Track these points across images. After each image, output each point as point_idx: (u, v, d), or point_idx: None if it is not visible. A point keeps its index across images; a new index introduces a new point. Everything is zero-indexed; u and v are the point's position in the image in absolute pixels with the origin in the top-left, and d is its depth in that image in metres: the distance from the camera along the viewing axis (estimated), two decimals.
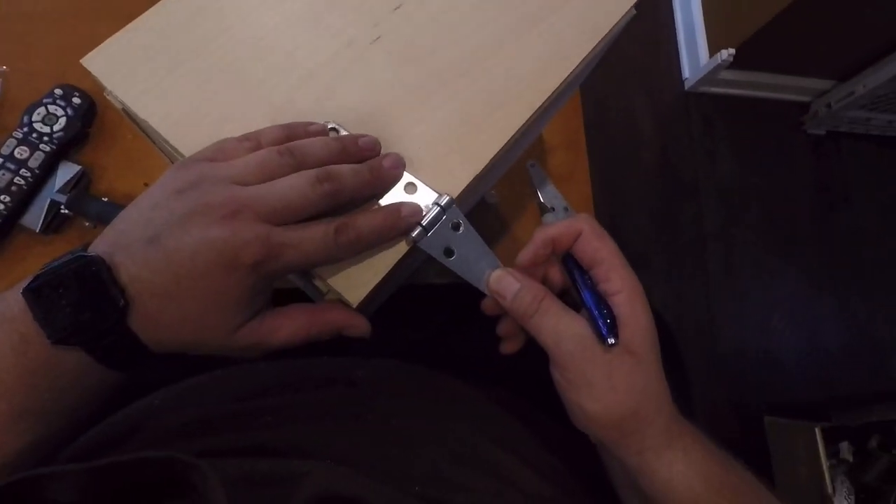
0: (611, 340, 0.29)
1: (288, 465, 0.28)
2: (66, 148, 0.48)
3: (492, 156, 0.32)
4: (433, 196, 0.30)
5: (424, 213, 0.30)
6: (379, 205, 0.30)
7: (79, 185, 0.48)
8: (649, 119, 1.34)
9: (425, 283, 0.55)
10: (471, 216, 0.55)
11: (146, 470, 0.23)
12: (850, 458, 1.11)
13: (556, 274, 0.34)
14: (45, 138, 0.47)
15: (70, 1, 0.54)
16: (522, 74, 0.34)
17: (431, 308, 0.66)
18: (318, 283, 0.29)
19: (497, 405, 0.42)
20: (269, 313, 0.28)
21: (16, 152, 0.47)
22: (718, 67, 1.25)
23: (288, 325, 0.28)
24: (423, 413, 0.36)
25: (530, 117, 0.34)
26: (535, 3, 0.36)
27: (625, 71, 1.36)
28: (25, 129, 0.47)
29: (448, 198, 0.30)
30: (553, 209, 0.58)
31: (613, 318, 0.30)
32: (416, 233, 0.29)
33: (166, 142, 0.29)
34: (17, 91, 0.50)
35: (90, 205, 0.43)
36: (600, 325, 0.30)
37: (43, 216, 0.46)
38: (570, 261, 0.32)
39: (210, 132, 0.29)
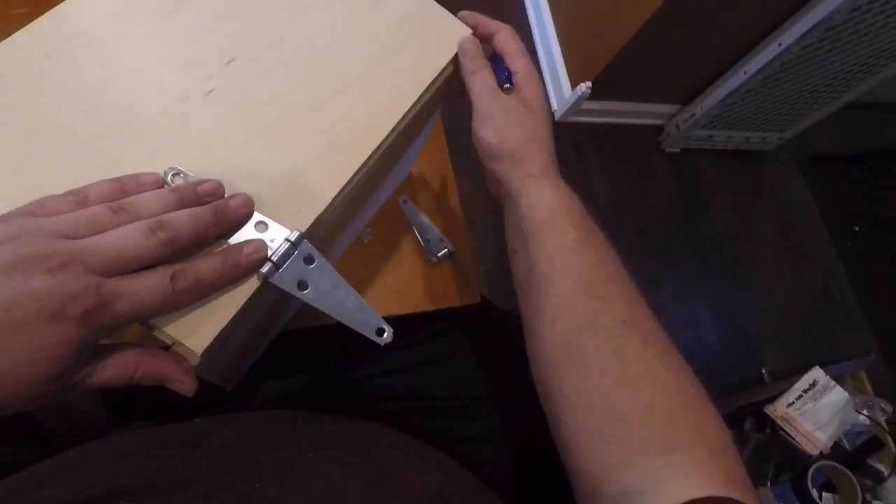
0: (507, 86, 0.41)
1: None
2: None
3: (334, 194, 0.33)
4: (285, 233, 0.30)
5: (276, 248, 0.30)
6: (228, 244, 0.29)
7: None
8: None
9: (310, 327, 0.54)
10: (347, 254, 0.56)
11: None
12: None
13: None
14: None
15: None
16: (360, 118, 0.36)
17: (320, 350, 0.65)
18: (157, 333, 0.28)
19: (373, 439, 0.41)
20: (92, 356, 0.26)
21: None
22: (580, 99, 1.38)
23: (112, 365, 0.27)
24: (289, 463, 0.35)
25: (370, 156, 0.35)
26: (367, 55, 0.38)
27: None
28: None
29: (297, 233, 0.30)
30: (429, 241, 0.60)
31: (510, 75, 0.42)
32: (266, 269, 0.29)
33: None
34: None
35: None
36: (502, 77, 0.42)
37: None
38: (493, 53, 0.44)
39: (30, 191, 0.27)
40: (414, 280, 0.58)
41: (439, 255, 0.59)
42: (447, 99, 0.47)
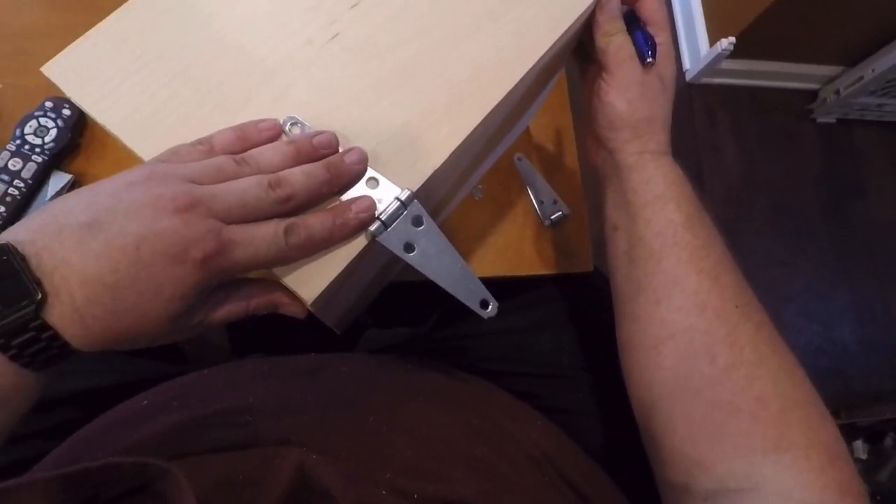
0: (649, 59, 0.39)
1: (266, 455, 0.28)
2: (57, 158, 0.50)
3: (452, 150, 0.32)
4: (396, 191, 0.30)
5: (384, 207, 0.30)
6: (340, 201, 0.30)
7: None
8: None
9: (418, 281, 0.55)
10: (455, 209, 0.56)
11: (119, 476, 0.23)
12: (865, 457, 1.08)
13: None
14: (37, 150, 0.49)
15: (62, 16, 0.56)
16: (484, 68, 0.34)
17: (425, 305, 0.67)
18: (271, 276, 0.30)
19: (479, 395, 0.42)
20: (212, 293, 0.28)
21: (9, 164, 0.48)
22: (719, 57, 1.23)
23: (229, 301, 0.29)
24: (400, 404, 0.37)
25: (491, 111, 0.34)
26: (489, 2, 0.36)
27: None
28: (18, 142, 0.49)
29: (408, 192, 0.30)
30: (542, 202, 0.58)
31: (654, 49, 0.39)
32: (374, 227, 0.29)
33: (126, 147, 0.30)
34: (12, 106, 0.52)
35: None
36: (645, 48, 0.39)
37: None
38: (631, 14, 0.41)
39: (169, 135, 0.30)
40: (524, 242, 0.56)
41: (553, 217, 0.57)
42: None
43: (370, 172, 0.30)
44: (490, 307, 0.32)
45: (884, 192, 1.44)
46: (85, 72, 0.30)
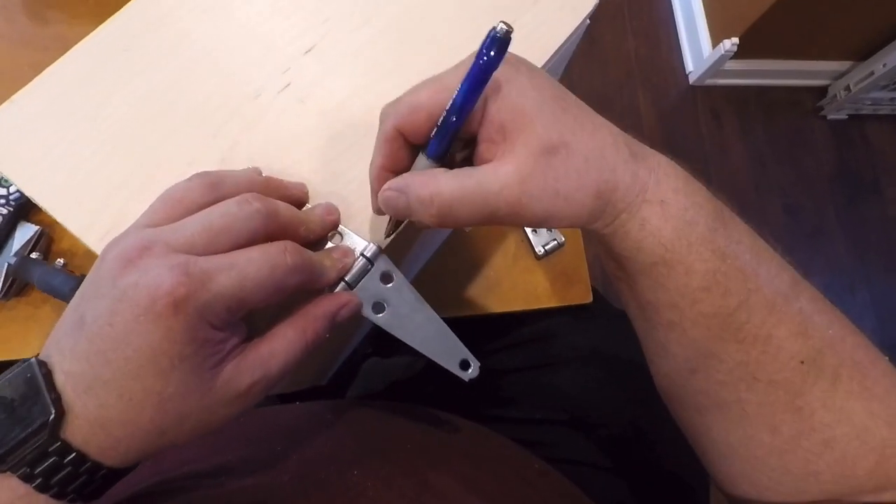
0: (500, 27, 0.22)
1: None
2: (23, 209, 0.48)
3: None
4: (361, 245, 0.28)
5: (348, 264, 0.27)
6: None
7: (38, 246, 0.47)
8: (654, 116, 1.29)
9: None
10: (444, 246, 0.53)
11: None
12: None
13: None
14: (2, 200, 0.47)
15: (29, 59, 0.54)
16: None
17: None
18: None
19: (473, 441, 0.39)
20: (250, 346, 0.24)
21: None
22: (723, 58, 1.19)
23: (280, 346, 0.24)
24: (392, 459, 0.34)
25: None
26: (465, 30, 0.33)
27: (625, 69, 1.31)
28: None
29: (374, 247, 0.27)
30: (535, 231, 0.55)
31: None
32: (338, 289, 0.27)
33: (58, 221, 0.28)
34: None
35: (34, 271, 0.42)
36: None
37: (0, 282, 0.45)
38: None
39: (104, 206, 0.27)
40: (518, 275, 0.53)
41: (547, 247, 0.54)
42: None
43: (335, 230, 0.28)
44: (471, 368, 0.29)
45: None
46: (9, 137, 0.27)
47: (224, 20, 0.32)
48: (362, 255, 0.27)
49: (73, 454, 0.20)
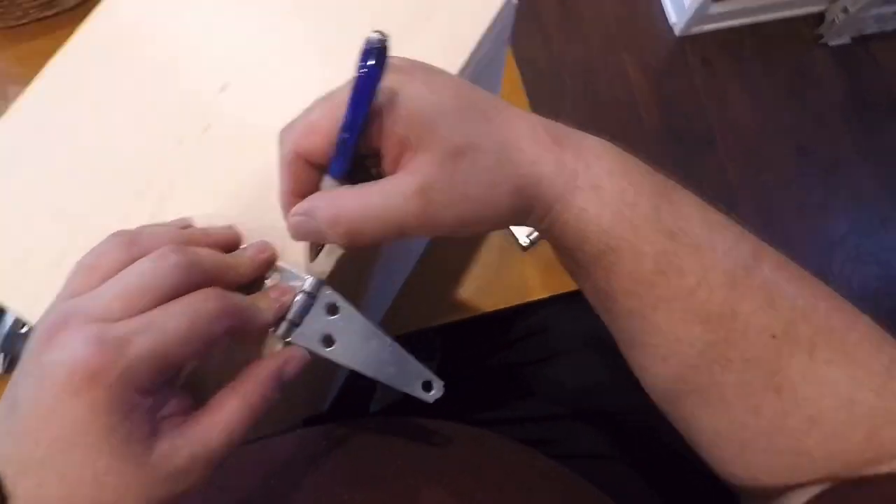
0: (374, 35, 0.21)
1: None
2: None
3: None
4: (300, 280, 0.26)
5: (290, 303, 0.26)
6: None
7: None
8: (643, 78, 1.24)
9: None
10: (427, 254, 0.51)
11: None
12: None
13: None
14: None
15: None
16: None
17: (422, 354, 0.63)
18: None
19: (472, 454, 0.37)
20: (190, 419, 0.23)
21: None
22: (706, 3, 1.14)
23: (221, 417, 0.23)
24: (385, 485, 0.33)
25: None
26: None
27: (605, 32, 1.26)
28: None
29: (312, 280, 0.26)
30: None
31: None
32: (282, 330, 0.26)
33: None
34: None
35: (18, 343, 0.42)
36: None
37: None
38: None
39: (42, 282, 0.26)
40: (505, 270, 0.51)
41: (531, 237, 0.51)
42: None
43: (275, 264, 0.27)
44: (434, 389, 0.27)
45: None
46: None
47: (135, 70, 0.31)
48: (302, 290, 0.26)
49: None
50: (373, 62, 0.21)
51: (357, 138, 0.23)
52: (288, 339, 0.26)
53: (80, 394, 0.20)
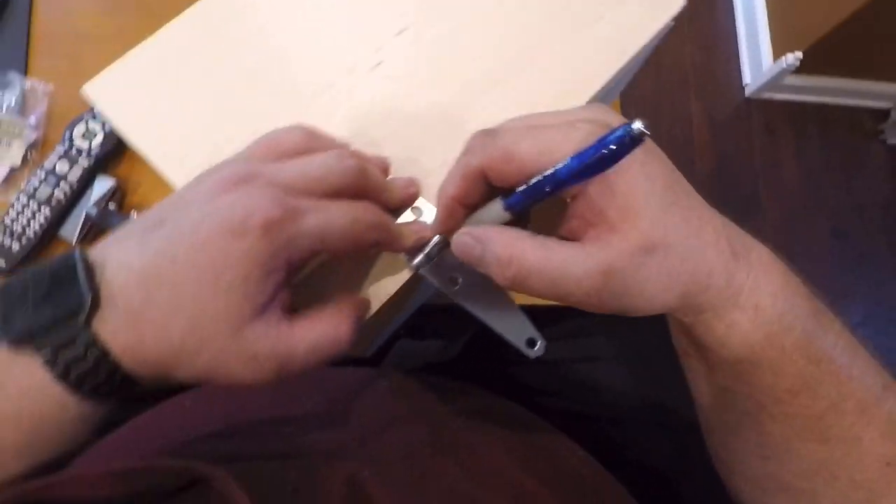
0: (636, 125, 0.19)
1: (313, 465, 0.27)
2: (102, 162, 0.50)
3: None
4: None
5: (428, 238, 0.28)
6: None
7: (114, 198, 0.50)
8: (706, 126, 1.27)
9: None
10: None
11: (163, 476, 0.22)
12: None
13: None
14: (84, 153, 0.49)
15: (115, 24, 0.56)
16: (534, 102, 0.32)
17: (459, 321, 0.65)
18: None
19: (525, 427, 0.40)
20: (285, 319, 0.24)
21: (57, 167, 0.49)
22: (784, 72, 1.16)
23: (313, 334, 0.24)
24: (442, 426, 0.35)
25: None
26: (567, 19, 0.33)
27: (680, 75, 1.29)
28: (67, 145, 0.49)
29: None
30: None
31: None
32: (418, 259, 0.28)
33: (160, 173, 0.29)
34: (63, 107, 0.53)
35: (114, 221, 0.44)
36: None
37: (79, 229, 0.48)
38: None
39: (204, 163, 0.29)
40: None
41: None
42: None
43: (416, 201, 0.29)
44: (537, 345, 0.30)
45: None
46: (122, 94, 0.29)
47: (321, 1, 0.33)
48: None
49: (98, 346, 0.21)
50: (622, 149, 0.20)
51: (557, 195, 0.22)
52: (419, 271, 0.28)
53: (244, 237, 0.21)
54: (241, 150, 0.26)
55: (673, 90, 1.28)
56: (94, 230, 0.49)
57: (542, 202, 0.23)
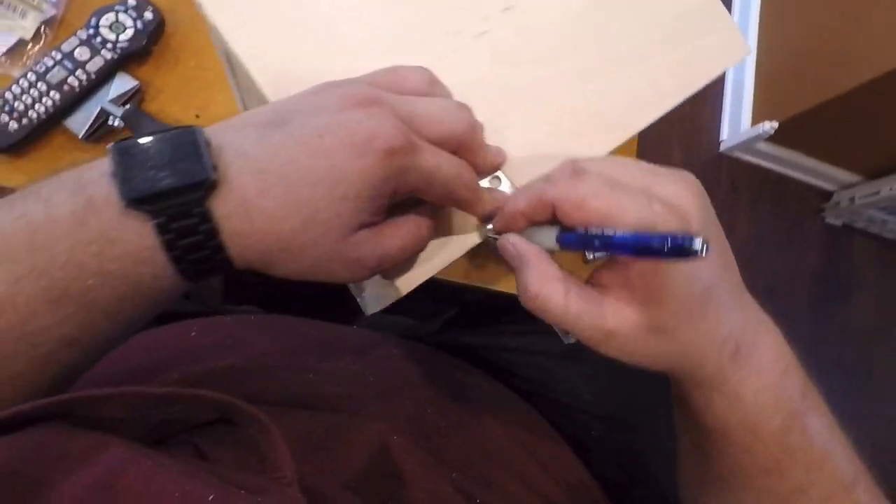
0: (698, 242, 0.20)
1: (340, 422, 0.27)
2: (126, 60, 0.47)
3: None
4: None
5: None
6: None
7: (131, 101, 0.47)
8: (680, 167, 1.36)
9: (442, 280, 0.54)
10: None
11: (200, 407, 0.22)
12: None
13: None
14: (109, 45, 0.46)
15: None
16: (617, 105, 0.34)
17: (433, 302, 0.65)
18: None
19: (522, 410, 0.41)
20: (375, 228, 0.25)
21: (76, 52, 0.45)
22: (758, 137, 1.26)
23: (400, 233, 0.25)
24: (451, 400, 0.36)
25: (611, 151, 0.34)
26: (638, 42, 0.35)
27: (668, 121, 1.36)
28: (91, 32, 0.46)
29: None
30: None
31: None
32: (491, 225, 0.29)
33: (252, 79, 0.28)
34: None
35: (147, 124, 0.42)
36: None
37: (90, 123, 0.45)
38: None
39: (299, 83, 0.28)
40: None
41: (597, 255, 0.56)
42: None
43: (497, 173, 0.30)
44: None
45: (867, 304, 1.50)
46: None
47: None
48: None
49: (210, 224, 0.21)
50: (673, 255, 0.20)
51: (604, 251, 0.23)
52: (488, 237, 0.30)
53: (366, 156, 0.22)
54: (362, 75, 0.26)
55: (660, 132, 1.35)
56: (104, 128, 0.46)
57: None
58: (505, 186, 0.30)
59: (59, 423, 0.20)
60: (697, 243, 0.20)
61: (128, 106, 0.42)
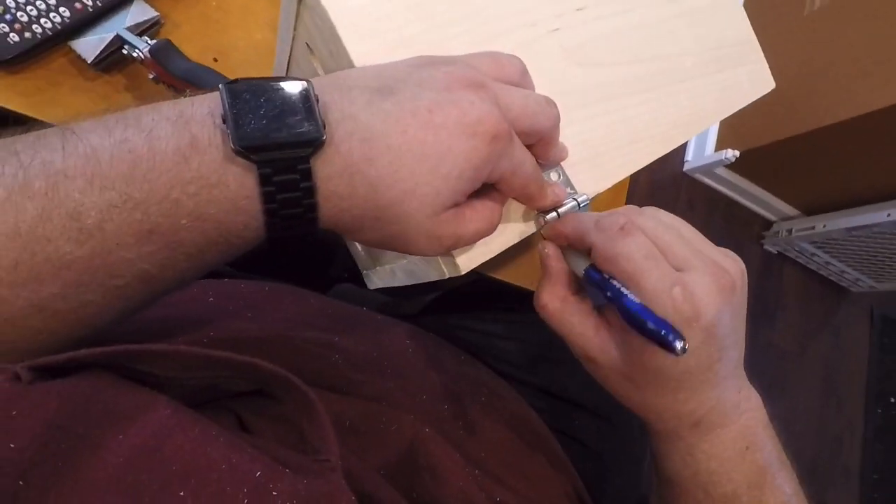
0: (679, 344, 0.23)
1: (372, 411, 0.27)
2: None
3: (620, 179, 0.34)
4: (571, 189, 0.31)
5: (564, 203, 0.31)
6: None
7: (148, 32, 0.44)
8: (646, 185, 1.42)
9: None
10: None
11: (248, 377, 0.22)
12: None
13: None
14: None
15: None
16: (665, 119, 0.35)
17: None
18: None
19: (522, 408, 0.42)
20: (456, 209, 0.25)
21: None
22: (719, 163, 1.34)
23: (476, 218, 0.26)
24: (468, 399, 0.36)
25: (653, 161, 0.35)
26: (697, 60, 0.37)
27: None
28: None
29: (586, 197, 0.31)
30: None
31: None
32: (549, 216, 0.30)
33: (339, 38, 0.27)
34: None
35: (178, 61, 0.39)
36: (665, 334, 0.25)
37: (101, 48, 0.41)
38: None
39: (383, 50, 0.27)
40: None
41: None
42: None
43: (557, 167, 0.31)
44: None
45: (788, 328, 1.64)
46: None
47: None
48: (575, 199, 0.31)
49: (310, 182, 0.21)
50: (660, 345, 0.24)
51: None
52: (542, 232, 0.31)
53: (473, 138, 0.22)
54: (465, 55, 0.26)
55: None
56: (114, 57, 0.42)
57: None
58: (565, 179, 0.31)
59: (106, 373, 0.19)
60: (679, 345, 0.23)
61: (155, 40, 0.39)
